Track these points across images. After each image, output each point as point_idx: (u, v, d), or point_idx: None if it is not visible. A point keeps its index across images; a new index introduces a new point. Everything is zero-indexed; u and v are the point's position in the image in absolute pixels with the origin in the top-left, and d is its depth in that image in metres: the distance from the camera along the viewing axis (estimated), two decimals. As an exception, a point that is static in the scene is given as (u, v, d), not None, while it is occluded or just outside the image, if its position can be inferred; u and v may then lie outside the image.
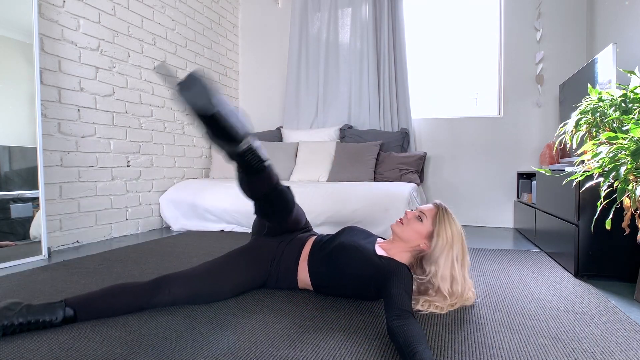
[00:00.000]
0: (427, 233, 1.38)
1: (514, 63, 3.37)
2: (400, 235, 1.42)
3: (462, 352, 1.05)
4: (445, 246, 1.33)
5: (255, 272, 1.48)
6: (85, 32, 2.51)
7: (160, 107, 3.13)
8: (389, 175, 3.17)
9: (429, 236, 1.38)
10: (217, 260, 1.44)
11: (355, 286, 1.40)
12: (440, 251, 1.33)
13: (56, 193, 2.33)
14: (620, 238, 1.69)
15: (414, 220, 1.41)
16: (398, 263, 1.35)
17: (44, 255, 2.15)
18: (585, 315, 1.32)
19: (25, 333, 1.15)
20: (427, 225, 1.39)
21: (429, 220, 1.39)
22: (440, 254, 1.33)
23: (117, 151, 2.74)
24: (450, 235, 1.35)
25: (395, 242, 1.45)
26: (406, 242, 1.41)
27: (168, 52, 3.21)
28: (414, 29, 3.73)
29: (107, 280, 1.70)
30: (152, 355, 1.03)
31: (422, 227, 1.39)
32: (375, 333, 1.17)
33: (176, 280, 1.33)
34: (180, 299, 1.33)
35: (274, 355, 1.03)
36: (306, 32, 3.85)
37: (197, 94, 1.15)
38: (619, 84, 1.70)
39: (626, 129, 1.42)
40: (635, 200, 1.36)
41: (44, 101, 2.26)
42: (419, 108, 3.70)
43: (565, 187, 1.93)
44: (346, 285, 1.41)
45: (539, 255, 2.23)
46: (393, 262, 1.35)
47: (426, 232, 1.38)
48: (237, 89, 4.25)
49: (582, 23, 3.20)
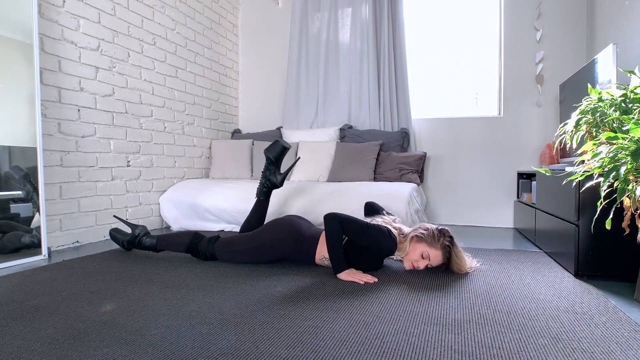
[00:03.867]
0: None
1: (514, 63, 3.37)
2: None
3: (462, 352, 1.05)
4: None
5: (291, 237, 1.92)
6: (85, 32, 2.51)
7: (160, 107, 3.14)
8: (389, 175, 3.17)
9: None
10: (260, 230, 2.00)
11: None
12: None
13: (56, 193, 2.33)
14: (620, 238, 1.69)
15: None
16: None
17: (44, 255, 2.15)
18: (585, 315, 1.32)
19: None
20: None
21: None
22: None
23: (117, 151, 2.74)
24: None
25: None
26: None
27: (168, 52, 3.22)
28: (414, 29, 3.73)
29: (107, 280, 1.70)
30: (152, 355, 1.03)
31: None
32: (375, 333, 1.17)
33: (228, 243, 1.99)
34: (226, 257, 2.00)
35: (274, 355, 1.03)
36: (306, 32, 3.85)
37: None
38: (619, 84, 1.70)
39: (626, 129, 1.42)
40: (635, 200, 1.35)
41: (44, 101, 2.26)
42: (419, 108, 3.70)
43: (565, 187, 1.93)
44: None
45: (539, 255, 2.23)
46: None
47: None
48: (237, 89, 4.25)
49: (582, 23, 3.20)
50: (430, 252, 1.78)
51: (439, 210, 3.55)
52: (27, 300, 1.45)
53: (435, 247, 1.78)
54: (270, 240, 1.93)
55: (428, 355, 1.03)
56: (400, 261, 2.01)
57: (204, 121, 3.68)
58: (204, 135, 3.69)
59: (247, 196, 2.86)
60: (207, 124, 3.74)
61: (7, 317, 1.29)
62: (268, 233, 1.95)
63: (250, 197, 2.84)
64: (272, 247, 1.93)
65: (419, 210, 2.86)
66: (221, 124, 3.96)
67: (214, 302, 1.42)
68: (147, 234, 2.18)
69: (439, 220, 3.54)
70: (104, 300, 1.45)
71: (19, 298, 1.47)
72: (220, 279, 1.73)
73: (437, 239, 1.79)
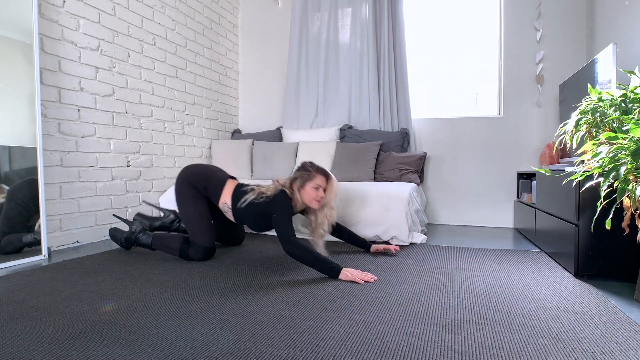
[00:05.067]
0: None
1: (514, 63, 3.37)
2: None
3: (462, 352, 1.05)
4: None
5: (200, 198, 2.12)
6: (85, 32, 2.51)
7: (160, 107, 3.13)
8: (389, 175, 3.17)
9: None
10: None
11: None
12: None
13: (56, 193, 2.33)
14: (620, 238, 1.69)
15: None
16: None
17: (44, 255, 2.15)
18: (585, 315, 1.32)
19: (28, 328, 1.15)
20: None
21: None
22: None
23: (117, 151, 2.74)
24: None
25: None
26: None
27: (168, 52, 3.21)
28: (414, 29, 3.73)
29: (107, 280, 1.70)
30: (152, 355, 1.03)
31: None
32: (375, 333, 1.17)
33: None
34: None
35: (274, 355, 1.03)
36: (306, 32, 3.85)
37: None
38: (619, 84, 1.70)
39: (626, 129, 1.42)
40: (635, 200, 1.35)
41: (44, 101, 2.26)
42: (419, 108, 3.70)
43: (565, 187, 1.93)
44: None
45: (539, 255, 2.23)
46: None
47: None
48: (237, 89, 4.25)
49: (582, 23, 3.20)
50: (316, 181, 1.98)
51: (439, 210, 3.55)
52: (27, 300, 1.45)
53: (314, 175, 1.99)
54: (191, 204, 2.08)
55: (428, 355, 1.03)
56: (305, 212, 2.15)
57: (203, 121, 3.68)
58: (204, 135, 3.69)
59: (247, 196, 2.86)
60: (207, 124, 3.74)
61: (7, 317, 1.29)
62: (186, 201, 2.09)
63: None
64: (195, 206, 2.07)
65: (419, 210, 2.86)
66: (221, 124, 3.96)
67: (214, 302, 1.42)
68: (144, 230, 2.21)
69: (439, 220, 3.54)
70: (104, 300, 1.45)
71: (19, 298, 1.47)
72: (220, 279, 1.73)
73: (307, 169, 2.01)
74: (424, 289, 1.59)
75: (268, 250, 2.31)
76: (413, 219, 2.58)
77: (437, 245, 2.51)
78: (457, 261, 2.08)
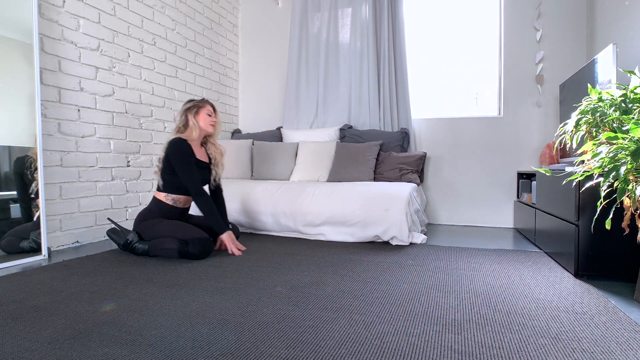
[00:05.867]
0: None
1: (514, 63, 3.37)
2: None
3: (462, 352, 1.05)
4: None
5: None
6: (85, 32, 2.51)
7: (160, 107, 3.14)
8: (389, 175, 3.17)
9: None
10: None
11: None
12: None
13: (56, 193, 2.33)
14: (620, 238, 1.69)
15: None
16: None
17: (44, 255, 2.15)
18: (585, 315, 1.32)
19: (26, 327, 1.15)
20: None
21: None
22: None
23: (117, 151, 2.74)
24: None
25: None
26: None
27: (168, 52, 3.21)
28: (414, 29, 3.73)
29: (107, 280, 1.70)
30: (152, 355, 1.03)
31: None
32: (375, 333, 1.17)
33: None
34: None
35: (274, 355, 1.03)
36: (306, 32, 3.85)
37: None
38: (619, 84, 1.70)
39: (626, 129, 1.42)
40: (635, 200, 1.36)
41: (44, 101, 2.26)
42: (419, 108, 3.70)
43: (565, 187, 1.93)
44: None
45: (539, 255, 2.23)
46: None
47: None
48: (237, 89, 4.25)
49: (582, 23, 3.20)
50: (208, 108, 2.28)
51: (439, 210, 3.55)
52: (27, 300, 1.45)
53: (204, 103, 2.29)
54: (160, 225, 2.19)
55: (428, 355, 1.03)
56: (208, 141, 2.38)
57: (204, 121, 3.68)
58: (204, 135, 3.69)
59: (247, 196, 2.86)
60: (207, 124, 3.74)
61: (7, 317, 1.29)
62: (155, 228, 2.20)
63: (250, 197, 2.84)
64: (163, 224, 2.18)
65: (419, 210, 2.86)
66: (221, 124, 3.96)
67: (214, 302, 1.42)
68: (140, 239, 2.20)
69: (439, 220, 3.54)
70: (104, 300, 1.45)
71: (19, 298, 1.47)
72: (220, 279, 1.73)
73: (196, 102, 2.29)
74: (423, 289, 1.59)
75: (268, 250, 2.31)
76: (413, 219, 2.58)
77: (437, 245, 2.51)
78: (457, 261, 2.08)
